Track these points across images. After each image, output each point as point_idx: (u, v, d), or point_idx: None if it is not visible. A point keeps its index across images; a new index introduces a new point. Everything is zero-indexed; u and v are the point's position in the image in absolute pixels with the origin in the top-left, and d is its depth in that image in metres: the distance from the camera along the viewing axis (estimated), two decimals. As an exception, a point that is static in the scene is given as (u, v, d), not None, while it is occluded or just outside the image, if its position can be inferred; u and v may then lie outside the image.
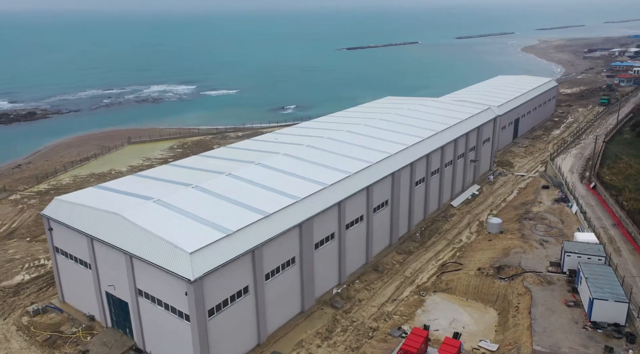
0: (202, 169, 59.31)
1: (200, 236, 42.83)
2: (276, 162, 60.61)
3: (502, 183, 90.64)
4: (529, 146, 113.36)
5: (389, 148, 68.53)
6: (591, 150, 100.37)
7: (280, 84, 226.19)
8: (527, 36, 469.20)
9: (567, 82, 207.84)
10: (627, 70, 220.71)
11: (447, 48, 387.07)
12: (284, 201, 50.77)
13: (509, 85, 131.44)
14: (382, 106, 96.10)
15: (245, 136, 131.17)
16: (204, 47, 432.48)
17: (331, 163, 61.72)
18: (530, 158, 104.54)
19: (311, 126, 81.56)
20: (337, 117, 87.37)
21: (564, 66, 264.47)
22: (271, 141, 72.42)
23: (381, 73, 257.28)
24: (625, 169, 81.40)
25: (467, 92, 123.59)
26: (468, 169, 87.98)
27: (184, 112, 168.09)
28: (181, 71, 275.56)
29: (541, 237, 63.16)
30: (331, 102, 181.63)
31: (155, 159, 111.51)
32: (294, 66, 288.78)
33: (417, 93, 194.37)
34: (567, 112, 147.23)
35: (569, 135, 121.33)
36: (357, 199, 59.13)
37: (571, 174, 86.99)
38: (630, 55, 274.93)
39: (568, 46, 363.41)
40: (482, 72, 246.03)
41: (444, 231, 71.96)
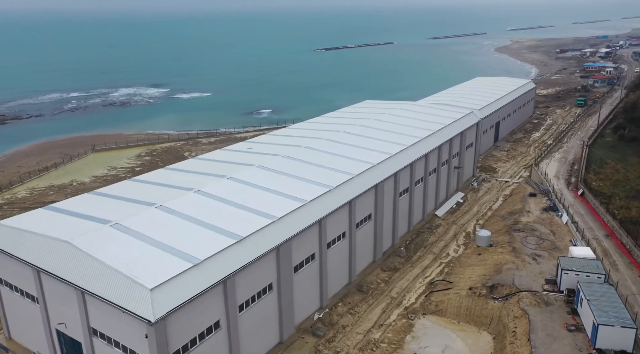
0: (168, 184, 53.76)
1: (164, 268, 37.52)
2: (250, 176, 55.52)
3: (487, 190, 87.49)
4: (511, 149, 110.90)
5: (371, 157, 64.17)
6: (574, 154, 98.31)
7: (256, 86, 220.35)
8: (500, 36, 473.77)
9: (543, 82, 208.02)
10: (599, 70, 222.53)
11: (422, 48, 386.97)
12: (259, 221, 45.77)
13: (488, 87, 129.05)
14: (362, 110, 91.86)
15: (218, 142, 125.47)
16: (177, 48, 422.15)
17: (310, 176, 56.95)
18: (513, 162, 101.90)
19: (287, 134, 76.63)
20: (314, 124, 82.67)
21: (537, 67, 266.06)
22: (244, 151, 67.22)
23: (358, 74, 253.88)
24: (612, 174, 79.07)
25: (446, 95, 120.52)
26: (452, 176, 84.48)
27: (153, 116, 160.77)
28: (152, 73, 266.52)
29: (533, 251, 59.72)
30: (308, 104, 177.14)
31: (121, 168, 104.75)
32: (269, 67, 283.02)
33: (395, 95, 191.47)
34: (546, 114, 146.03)
35: (549, 137, 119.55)
36: (339, 215, 54.56)
37: (557, 180, 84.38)
38: (601, 55, 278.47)
39: (540, 47, 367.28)
40: (459, 73, 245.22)
41: (429, 244, 68.04)
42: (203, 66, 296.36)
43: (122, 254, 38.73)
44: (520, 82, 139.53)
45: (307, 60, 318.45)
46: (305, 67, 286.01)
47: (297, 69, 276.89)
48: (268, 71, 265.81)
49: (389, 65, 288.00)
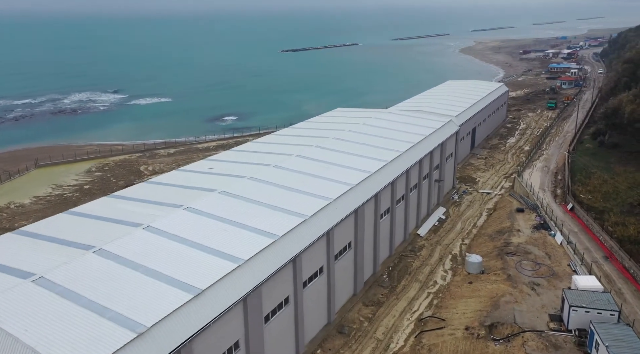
0: (111, 219, 45.03)
1: (98, 340, 29.21)
2: (211, 205, 47.43)
3: (469, 203, 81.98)
4: (488, 157, 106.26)
5: (349, 177, 57.08)
6: (556, 162, 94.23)
7: (219, 90, 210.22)
8: (463, 37, 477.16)
9: (510, 84, 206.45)
10: (564, 71, 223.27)
11: (387, 50, 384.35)
12: (220, 267, 37.86)
13: (462, 92, 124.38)
14: (334, 120, 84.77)
15: (177, 153, 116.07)
16: (136, 50, 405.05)
17: (281, 202, 49.33)
18: (492, 172, 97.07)
19: (253, 149, 68.64)
20: (283, 137, 74.98)
21: (503, 68, 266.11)
22: (205, 172, 58.90)
23: (325, 77, 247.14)
24: (600, 185, 74.77)
25: (420, 100, 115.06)
26: (433, 190, 78.49)
27: (107, 125, 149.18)
28: (108, 77, 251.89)
29: (530, 279, 53.97)
30: (275, 110, 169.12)
31: (67, 186, 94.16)
32: (234, 70, 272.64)
33: (364, 99, 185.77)
34: (518, 118, 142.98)
35: (525, 143, 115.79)
36: (316, 248, 47.19)
37: (543, 192, 79.60)
38: (563, 56, 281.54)
39: (503, 47, 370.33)
40: (427, 76, 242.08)
41: (414, 270, 61.55)
42: (164, 69, 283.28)
43: (40, 318, 30.24)
44: (493, 86, 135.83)
45: (273, 63, 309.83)
46: (271, 69, 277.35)
47: (263, 71, 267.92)
48: (232, 74, 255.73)
49: (355, 67, 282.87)
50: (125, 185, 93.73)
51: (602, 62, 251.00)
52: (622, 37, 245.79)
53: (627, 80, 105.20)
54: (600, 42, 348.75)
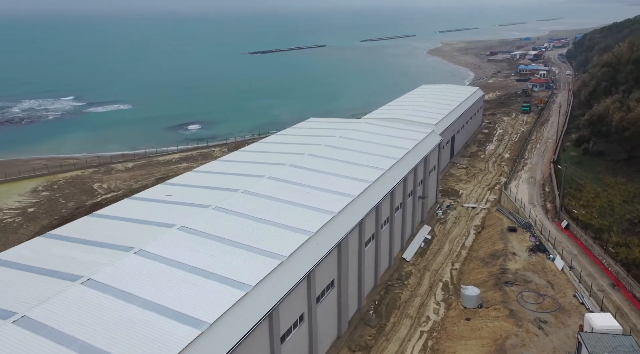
0: (45, 269, 36.56)
1: None
2: (167, 246, 39.53)
3: (454, 220, 76.32)
4: (469, 166, 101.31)
5: (329, 203, 50.05)
6: (542, 172, 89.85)
7: (182, 95, 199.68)
8: (430, 39, 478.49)
9: (482, 87, 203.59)
10: (533, 73, 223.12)
11: (355, 51, 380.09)
12: (178, 333, 30.14)
13: (438, 97, 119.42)
14: (308, 133, 77.60)
15: (136, 167, 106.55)
16: (93, 52, 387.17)
17: (252, 239, 41.89)
18: (475, 182, 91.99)
19: (219, 170, 60.73)
20: (253, 154, 67.33)
21: (472, 70, 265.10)
22: (161, 200, 50.70)
23: (293, 80, 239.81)
24: (593, 199, 70.31)
25: (396, 107, 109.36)
26: (417, 208, 72.41)
27: (59, 136, 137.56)
28: (62, 81, 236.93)
29: (535, 314, 48.25)
30: (242, 116, 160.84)
31: (8, 210, 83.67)
32: (197, 74, 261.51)
33: (336, 103, 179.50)
34: (494, 122, 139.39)
35: (505, 150, 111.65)
36: (295, 294, 39.98)
37: (533, 207, 74.65)
38: (530, 58, 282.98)
39: (470, 49, 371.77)
40: (398, 78, 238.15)
41: (403, 303, 55.09)
42: (123, 73, 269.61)
43: None
44: (469, 90, 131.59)
45: (238, 66, 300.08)
46: (236, 73, 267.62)
47: (228, 75, 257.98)
48: (196, 78, 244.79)
49: (323, 70, 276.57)
50: (75, 207, 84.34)
51: (569, 64, 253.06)
52: (587, 38, 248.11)
53: (607, 84, 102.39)
54: (564, 43, 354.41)
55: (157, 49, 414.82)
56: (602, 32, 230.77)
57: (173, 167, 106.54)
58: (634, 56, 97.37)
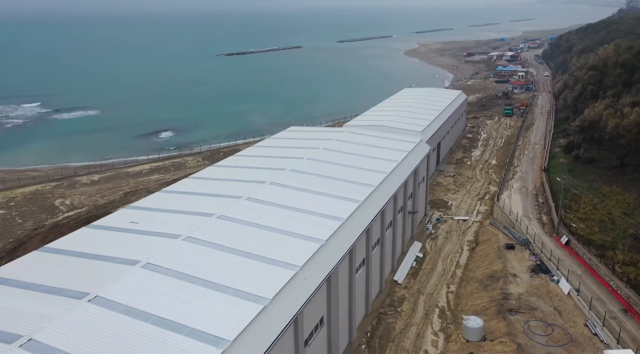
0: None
1: None
2: (129, 291, 33.50)
3: (446, 234, 71.84)
4: (456, 174, 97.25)
5: (316, 228, 44.61)
6: (533, 181, 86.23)
7: (154, 100, 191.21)
8: (406, 39, 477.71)
9: (461, 89, 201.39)
10: (512, 74, 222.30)
11: (332, 53, 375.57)
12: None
13: (421, 101, 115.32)
14: (288, 144, 71.96)
15: (102, 180, 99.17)
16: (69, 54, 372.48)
17: (229, 277, 36.14)
18: (464, 192, 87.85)
19: (193, 189, 54.54)
20: (228, 170, 61.33)
21: (450, 71, 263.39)
22: (126, 229, 44.40)
23: (269, 82, 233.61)
24: (591, 212, 66.68)
25: (379, 113, 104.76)
26: (407, 224, 67.62)
27: (19, 146, 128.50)
28: (29, 86, 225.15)
29: (546, 348, 43.80)
30: (216, 121, 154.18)
31: (-43, 233, 75.56)
32: (169, 77, 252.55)
33: (314, 107, 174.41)
34: (477, 126, 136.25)
35: (491, 156, 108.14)
36: (281, 343, 34.38)
37: (528, 220, 70.66)
38: (507, 59, 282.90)
39: (446, 50, 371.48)
40: (376, 80, 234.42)
41: (397, 335, 50.05)
42: (90, 76, 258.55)
43: None
44: (452, 94, 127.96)
45: (212, 68, 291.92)
46: (210, 76, 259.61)
47: (201, 78, 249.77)
48: (168, 82, 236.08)
49: (300, 72, 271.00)
50: (33, 228, 76.82)
51: (546, 65, 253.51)
52: (563, 39, 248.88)
53: (594, 88, 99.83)
54: (539, 44, 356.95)
55: (133, 50, 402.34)
56: (577, 34, 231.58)
57: (143, 179, 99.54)
58: (621, 59, 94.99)
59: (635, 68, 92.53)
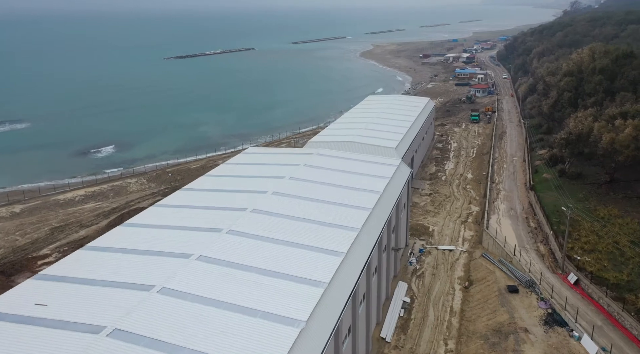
0: None
1: None
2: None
3: (432, 270, 62.71)
4: (433, 192, 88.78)
5: (291, 302, 33.75)
6: (520, 201, 78.64)
7: (93, 110, 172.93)
8: (360, 40, 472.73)
9: (422, 93, 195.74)
10: (471, 77, 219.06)
11: (286, 55, 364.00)
12: None
13: (389, 111, 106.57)
14: (248, 172, 60.50)
15: (25, 212, 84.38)
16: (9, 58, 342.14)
17: None
18: (444, 214, 79.31)
19: (131, 243, 42.14)
20: (174, 213, 49.21)
21: (408, 73, 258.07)
22: (28, 317, 31.89)
23: (222, 87, 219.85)
24: (595, 241, 59.22)
25: (346, 125, 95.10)
26: (391, 263, 57.89)
27: None
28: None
29: None
30: (165, 133, 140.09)
31: None
32: (112, 83, 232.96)
33: (271, 114, 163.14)
34: (446, 134, 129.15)
35: (466, 170, 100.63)
36: None
37: (525, 251, 62.52)
38: (463, 60, 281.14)
39: (402, 51, 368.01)
40: (334, 84, 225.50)
41: None
42: (19, 83, 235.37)
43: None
44: (419, 102, 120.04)
45: (159, 73, 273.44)
46: (157, 81, 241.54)
47: (148, 84, 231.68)
48: (110, 88, 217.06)
49: (255, 75, 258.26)
50: None
51: (502, 66, 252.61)
52: (519, 41, 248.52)
53: (571, 95, 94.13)
54: (492, 45, 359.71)
55: (74, 53, 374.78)
56: (533, 35, 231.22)
57: (76, 209, 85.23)
58: (599, 65, 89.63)
59: (615, 74, 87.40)
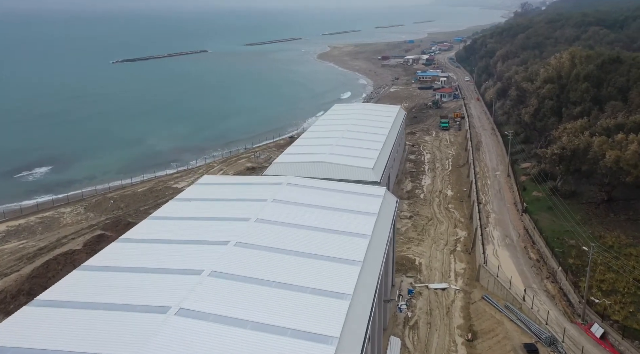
0: None
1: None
2: None
3: (426, 318, 53.40)
4: (414, 215, 79.86)
5: None
6: (514, 225, 70.60)
7: (25, 125, 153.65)
8: (316, 42, 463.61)
9: (386, 97, 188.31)
10: (433, 80, 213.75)
11: (241, 57, 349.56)
12: None
13: (359, 123, 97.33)
14: (202, 212, 48.84)
15: None
16: None
17: None
18: (429, 242, 70.49)
19: (60, 317, 30.25)
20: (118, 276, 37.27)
21: (368, 76, 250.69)
22: None
23: (174, 94, 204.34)
24: (612, 280, 51.40)
25: (315, 141, 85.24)
26: (382, 316, 48.03)
27: None
28: None
29: None
30: (108, 149, 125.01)
31: None
32: (50, 91, 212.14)
33: (227, 123, 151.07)
34: (417, 144, 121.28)
35: (444, 185, 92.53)
36: None
37: (534, 293, 54.12)
38: (423, 63, 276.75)
39: (360, 53, 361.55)
40: (294, 88, 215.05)
41: None
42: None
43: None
44: (390, 111, 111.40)
45: (105, 78, 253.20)
46: (102, 88, 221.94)
47: (92, 91, 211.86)
48: (48, 97, 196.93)
49: (209, 80, 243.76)
50: None
51: (463, 68, 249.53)
52: (479, 42, 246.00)
53: (553, 103, 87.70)
54: (449, 46, 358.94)
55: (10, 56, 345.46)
56: (493, 37, 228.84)
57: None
58: (583, 71, 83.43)
59: (601, 81, 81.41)
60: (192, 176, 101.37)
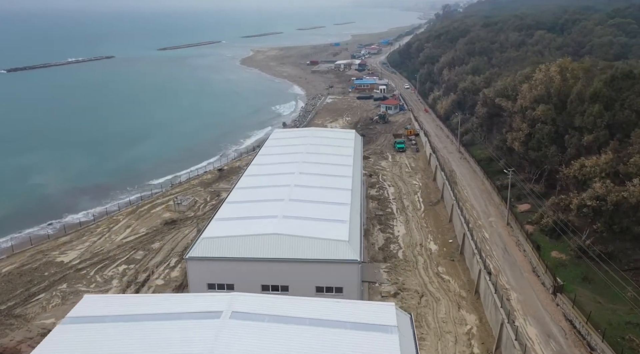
0: None
1: None
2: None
3: None
4: (399, 290, 58.77)
5: None
6: (549, 313, 51.12)
7: None
8: (237, 45, 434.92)
9: (325, 111, 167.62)
10: (372, 88, 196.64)
11: (153, 63, 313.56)
12: None
13: (311, 159, 75.22)
14: None
15: None
16: None
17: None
18: (435, 341, 49.57)
19: None
20: None
21: (298, 84, 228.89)
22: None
23: (71, 112, 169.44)
24: None
25: (256, 194, 61.71)
26: None
27: None
28: None
29: None
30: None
31: None
32: None
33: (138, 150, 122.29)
34: (374, 173, 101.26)
35: (419, 230, 72.57)
36: None
37: None
38: (356, 68, 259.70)
39: (285, 57, 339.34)
40: (218, 101, 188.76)
41: None
42: None
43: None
44: (345, 138, 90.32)
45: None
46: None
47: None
48: None
49: (115, 91, 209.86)
50: None
51: (399, 74, 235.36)
52: (414, 47, 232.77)
53: (550, 129, 70.91)
54: (377, 50, 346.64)
55: None
56: (430, 41, 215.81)
57: None
58: (589, 89, 66.86)
59: (612, 101, 65.28)
60: (87, 239, 73.73)
